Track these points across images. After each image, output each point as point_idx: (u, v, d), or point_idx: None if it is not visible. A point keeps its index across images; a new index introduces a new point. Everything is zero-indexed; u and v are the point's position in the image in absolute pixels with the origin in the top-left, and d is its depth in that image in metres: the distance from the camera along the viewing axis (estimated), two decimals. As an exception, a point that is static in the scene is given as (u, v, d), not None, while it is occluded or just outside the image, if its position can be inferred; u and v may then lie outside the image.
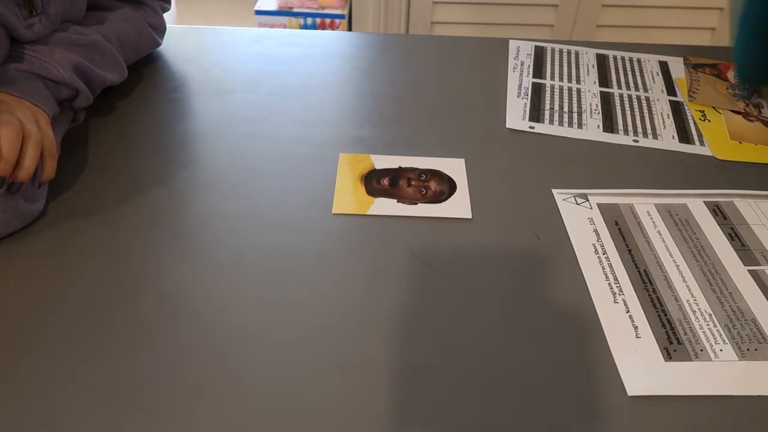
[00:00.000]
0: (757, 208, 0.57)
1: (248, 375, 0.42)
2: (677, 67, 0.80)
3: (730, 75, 0.78)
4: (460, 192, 0.58)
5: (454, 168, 0.61)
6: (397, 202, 0.56)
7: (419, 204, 0.56)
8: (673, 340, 0.45)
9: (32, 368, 0.41)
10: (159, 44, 0.76)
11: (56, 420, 0.39)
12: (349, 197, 0.57)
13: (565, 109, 0.71)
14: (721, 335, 0.45)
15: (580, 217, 0.55)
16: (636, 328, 0.46)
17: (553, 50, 0.83)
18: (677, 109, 0.72)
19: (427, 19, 1.71)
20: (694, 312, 0.47)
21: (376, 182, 0.58)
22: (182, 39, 0.81)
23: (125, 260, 0.49)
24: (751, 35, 0.59)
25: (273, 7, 1.89)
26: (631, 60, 0.81)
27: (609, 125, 0.69)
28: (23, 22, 0.54)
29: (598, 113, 0.70)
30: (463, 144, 0.64)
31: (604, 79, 0.77)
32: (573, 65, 0.80)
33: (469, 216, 0.55)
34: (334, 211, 0.55)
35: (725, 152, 0.65)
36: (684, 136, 0.67)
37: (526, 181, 0.60)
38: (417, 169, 0.60)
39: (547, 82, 0.76)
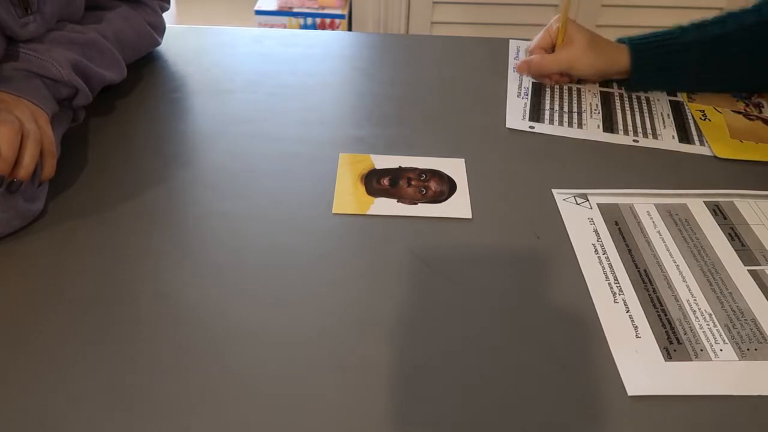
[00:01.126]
0: (757, 208, 0.57)
1: (248, 375, 0.42)
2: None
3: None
4: (460, 192, 0.58)
5: (454, 168, 0.61)
6: (397, 202, 0.56)
7: (419, 204, 0.56)
8: (673, 340, 0.45)
9: (31, 368, 0.41)
10: (158, 43, 0.76)
11: (56, 420, 0.39)
12: (349, 197, 0.57)
13: (565, 109, 0.71)
14: (721, 335, 0.45)
15: (580, 217, 0.55)
16: (636, 328, 0.46)
17: (553, 50, 0.83)
18: (677, 109, 0.72)
19: (427, 19, 1.71)
20: (694, 312, 0.47)
21: (376, 182, 0.58)
22: (182, 39, 0.81)
23: (125, 260, 0.49)
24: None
25: (273, 7, 1.89)
26: (631, 60, 0.81)
27: (609, 125, 0.69)
28: (18, 20, 0.54)
29: (598, 113, 0.70)
30: (463, 144, 0.64)
31: (604, 79, 0.77)
32: (573, 65, 0.79)
33: (469, 216, 0.55)
34: (334, 211, 0.55)
35: (726, 150, 0.65)
36: (684, 135, 0.67)
37: (526, 181, 0.59)
38: (417, 169, 0.60)
39: (547, 82, 0.76)
